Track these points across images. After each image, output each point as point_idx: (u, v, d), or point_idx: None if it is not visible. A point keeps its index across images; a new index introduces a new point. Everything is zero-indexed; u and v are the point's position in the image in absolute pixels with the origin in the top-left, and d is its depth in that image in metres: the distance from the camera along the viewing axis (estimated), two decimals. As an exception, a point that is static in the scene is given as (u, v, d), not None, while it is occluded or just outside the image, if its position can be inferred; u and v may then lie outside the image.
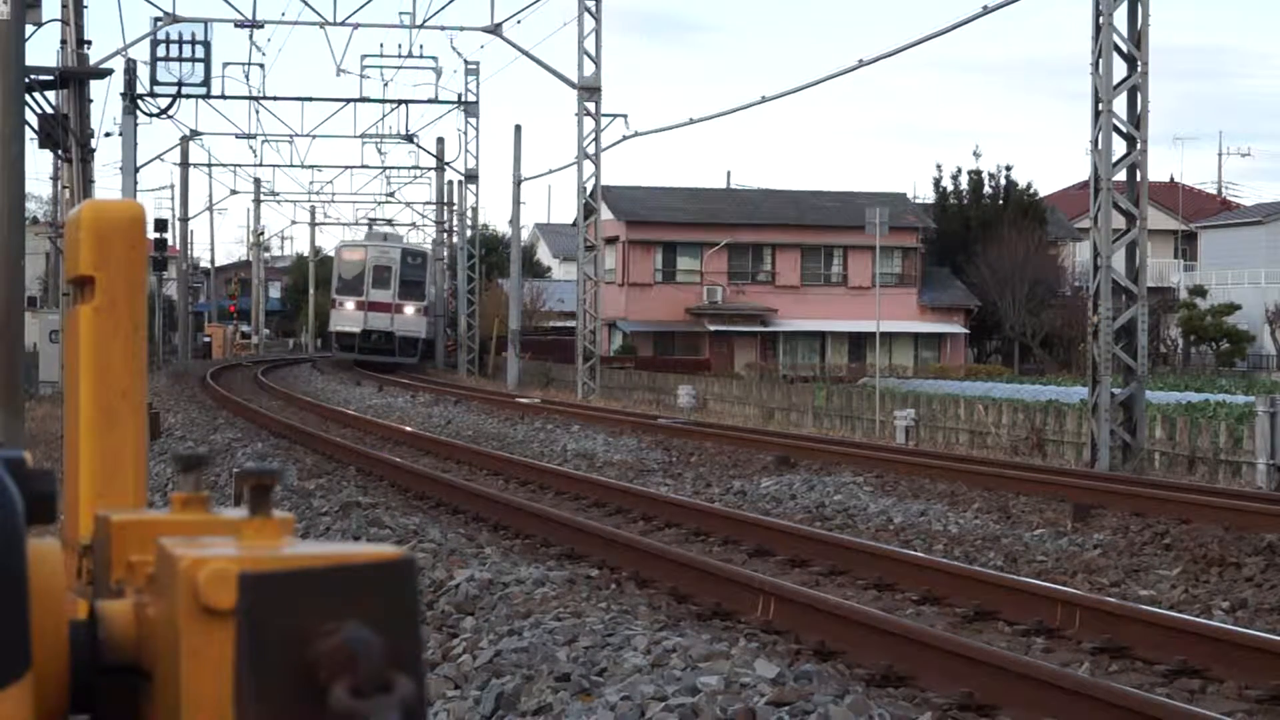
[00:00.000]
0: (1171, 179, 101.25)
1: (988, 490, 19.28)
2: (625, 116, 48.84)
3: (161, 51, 49.56)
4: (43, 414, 28.29)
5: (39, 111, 37.68)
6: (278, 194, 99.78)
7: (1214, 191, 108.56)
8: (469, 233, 72.88)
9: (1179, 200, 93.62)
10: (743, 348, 72.77)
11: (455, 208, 75.22)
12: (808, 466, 22.13)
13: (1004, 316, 71.48)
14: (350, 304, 72.46)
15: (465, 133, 68.05)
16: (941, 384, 53.59)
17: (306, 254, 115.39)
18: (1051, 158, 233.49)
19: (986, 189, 78.63)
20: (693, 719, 7.41)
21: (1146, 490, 18.95)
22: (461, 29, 52.09)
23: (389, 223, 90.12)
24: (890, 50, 34.65)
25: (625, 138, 48.74)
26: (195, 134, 72.15)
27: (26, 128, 24.34)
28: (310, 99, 60.57)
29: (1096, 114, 26.29)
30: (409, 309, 72.02)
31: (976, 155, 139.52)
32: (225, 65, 62.66)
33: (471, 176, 70.94)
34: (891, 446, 27.51)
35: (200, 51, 49.61)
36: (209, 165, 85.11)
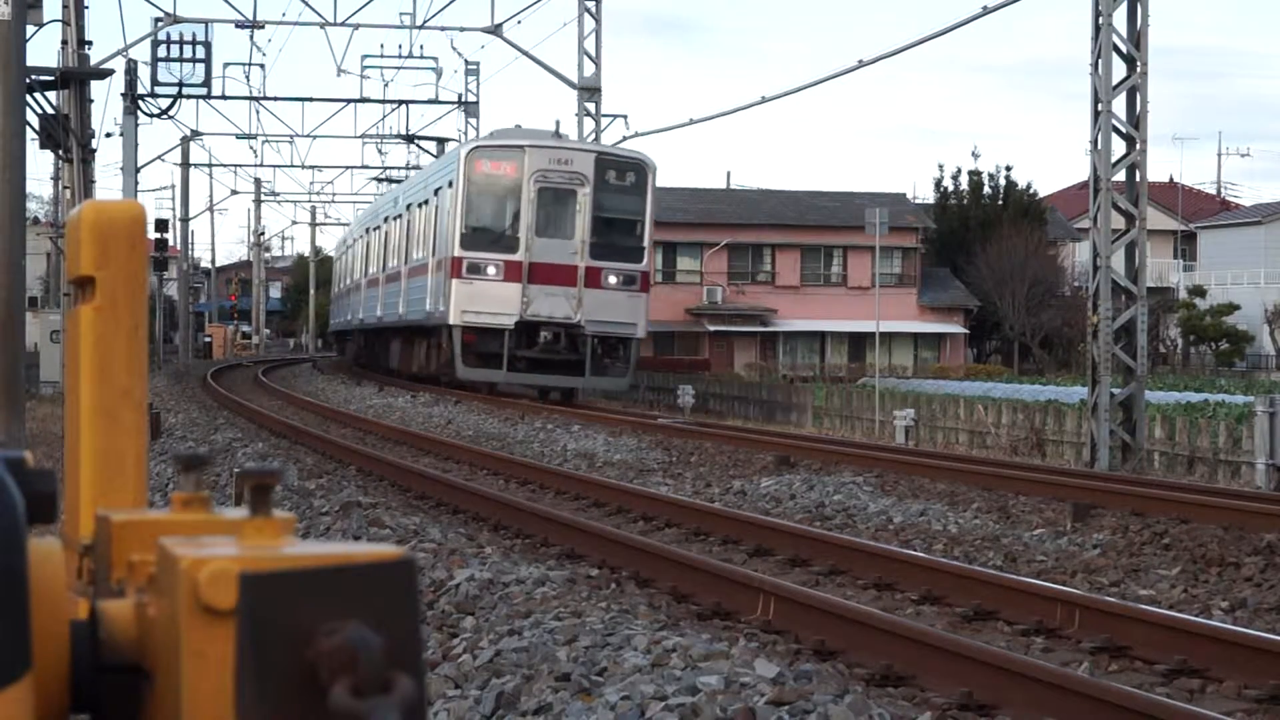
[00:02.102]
0: (1171, 179, 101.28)
1: (987, 490, 19.28)
2: (625, 117, 48.83)
3: (162, 52, 49.62)
4: (44, 414, 28.29)
5: (40, 112, 37.69)
6: (278, 194, 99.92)
7: (1213, 192, 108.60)
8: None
9: (1178, 200, 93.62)
10: (743, 348, 72.76)
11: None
12: (808, 466, 22.13)
13: (1003, 317, 71.47)
14: (491, 268, 38.40)
15: (465, 133, 68.03)
16: (941, 384, 53.59)
17: (307, 254, 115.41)
18: (1051, 158, 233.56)
19: (986, 189, 78.64)
20: (693, 718, 7.41)
21: (1146, 490, 18.95)
22: (462, 29, 52.12)
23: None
24: (890, 50, 34.67)
25: (625, 138, 48.71)
26: (196, 134, 72.16)
27: (27, 128, 24.35)
28: (310, 99, 60.60)
29: (1096, 114, 26.29)
30: (613, 278, 38.41)
31: (976, 155, 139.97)
32: (226, 66, 62.71)
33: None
34: (891, 446, 27.51)
35: (201, 52, 49.68)
36: (209, 165, 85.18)
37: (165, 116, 51.55)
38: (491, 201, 39.01)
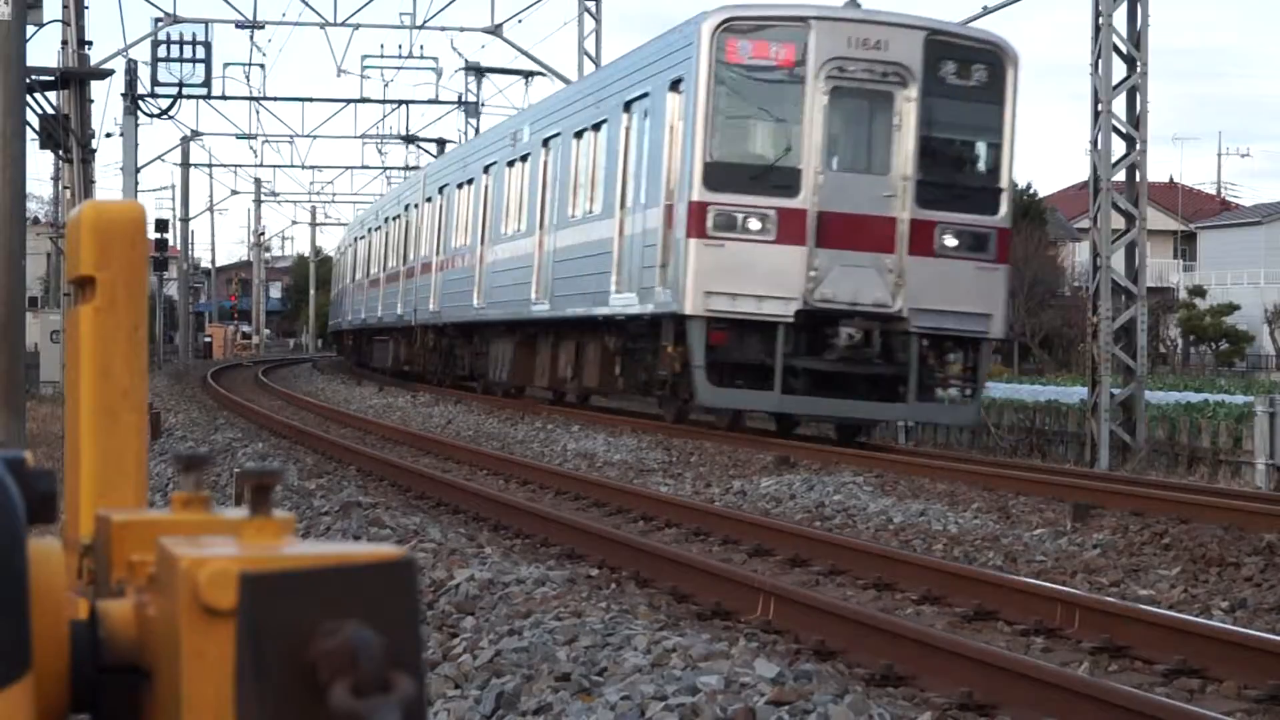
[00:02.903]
0: (1171, 179, 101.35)
1: (987, 490, 19.28)
2: (625, 116, 48.52)
3: (162, 52, 49.69)
4: (44, 414, 28.30)
5: (40, 112, 37.74)
6: (278, 194, 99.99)
7: (1213, 192, 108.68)
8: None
9: (1178, 200, 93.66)
10: (743, 348, 72.58)
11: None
12: (807, 466, 22.12)
13: (1004, 316, 71.45)
14: (754, 220, 24.38)
15: (465, 133, 68.07)
16: (941, 384, 53.51)
17: (307, 254, 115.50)
18: (1051, 158, 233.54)
19: (987, 189, 78.63)
20: (693, 718, 7.41)
21: (1146, 490, 18.96)
22: (462, 29, 52.16)
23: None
24: (890, 50, 34.58)
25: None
26: (196, 134, 72.26)
27: (27, 128, 24.36)
28: (311, 99, 60.75)
29: (1096, 114, 26.32)
30: (952, 238, 24.71)
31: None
32: (226, 66, 62.76)
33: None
34: (891, 446, 27.49)
35: (201, 52, 49.74)
36: (209, 165, 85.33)
37: (165, 116, 51.67)
38: (753, 111, 24.72)
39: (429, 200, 45.66)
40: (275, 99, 60.31)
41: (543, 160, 33.25)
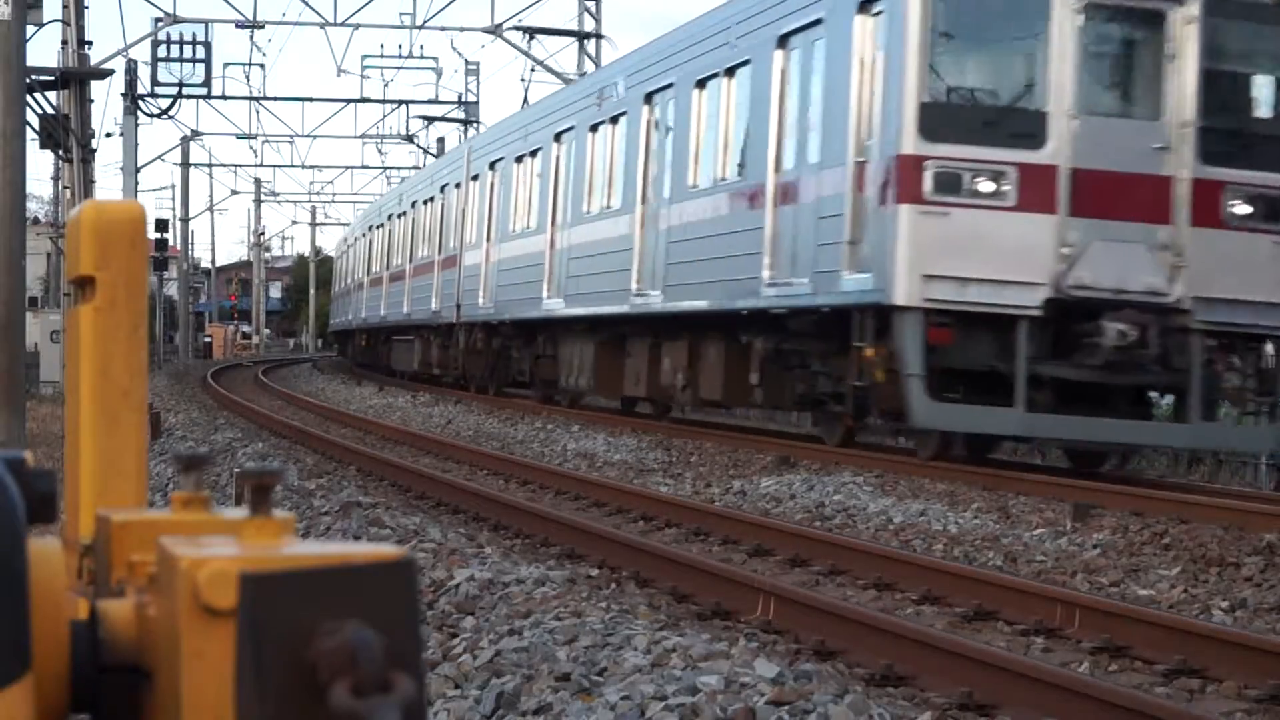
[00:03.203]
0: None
1: (987, 490, 19.27)
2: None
3: (162, 52, 49.73)
4: (44, 414, 28.30)
5: (40, 112, 37.78)
6: (278, 194, 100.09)
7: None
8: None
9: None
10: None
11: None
12: (807, 466, 22.12)
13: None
14: (984, 181, 18.68)
15: (465, 133, 68.16)
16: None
17: (307, 254, 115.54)
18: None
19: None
20: (693, 718, 7.42)
21: (1146, 490, 18.95)
22: (462, 29, 52.23)
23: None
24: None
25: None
26: (196, 134, 72.31)
27: (27, 128, 24.38)
28: (311, 99, 60.79)
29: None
30: (1242, 204, 19.03)
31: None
32: (226, 66, 62.93)
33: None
34: (891, 446, 27.49)
35: (201, 52, 49.77)
36: (209, 165, 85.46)
37: (165, 116, 51.73)
38: (983, 35, 19.33)
39: (475, 179, 39.07)
40: (275, 99, 60.39)
41: (645, 119, 27.07)
